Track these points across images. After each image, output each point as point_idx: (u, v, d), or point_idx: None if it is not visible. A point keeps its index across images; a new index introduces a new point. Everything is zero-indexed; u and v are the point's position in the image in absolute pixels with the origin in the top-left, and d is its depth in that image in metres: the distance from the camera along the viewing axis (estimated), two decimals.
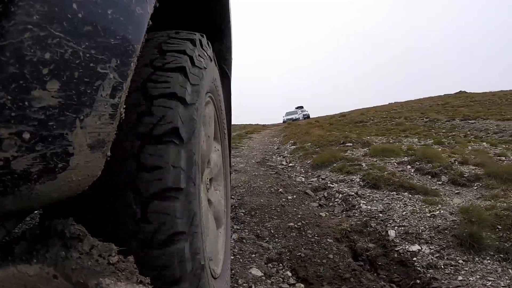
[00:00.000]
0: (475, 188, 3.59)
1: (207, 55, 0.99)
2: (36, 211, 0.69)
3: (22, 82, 0.38)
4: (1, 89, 0.37)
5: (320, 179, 4.30)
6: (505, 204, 2.83)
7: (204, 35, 1.03)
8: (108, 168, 0.59)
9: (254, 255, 2.23)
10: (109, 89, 0.49)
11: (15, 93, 0.38)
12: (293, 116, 28.97)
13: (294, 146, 7.50)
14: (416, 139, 7.42)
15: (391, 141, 7.11)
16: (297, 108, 32.90)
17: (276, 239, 2.53)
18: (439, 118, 10.83)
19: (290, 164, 5.53)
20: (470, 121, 9.61)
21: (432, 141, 7.03)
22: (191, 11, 1.24)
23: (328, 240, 2.48)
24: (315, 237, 2.54)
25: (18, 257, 0.53)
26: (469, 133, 8.18)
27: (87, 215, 0.68)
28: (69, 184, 0.48)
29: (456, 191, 3.53)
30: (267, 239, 2.54)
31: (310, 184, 4.16)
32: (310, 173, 4.63)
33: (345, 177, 4.19)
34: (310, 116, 27.71)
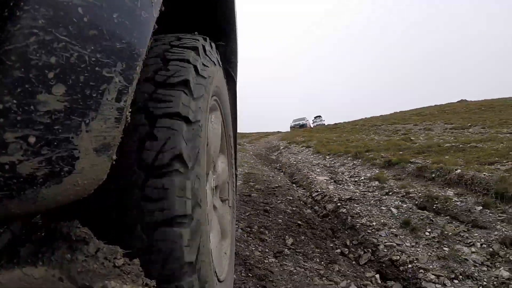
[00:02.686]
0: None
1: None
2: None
3: (27, 86, 0.38)
4: (7, 93, 0.37)
5: (279, 142, 12.73)
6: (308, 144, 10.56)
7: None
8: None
9: (254, 156, 8.78)
10: (114, 93, 0.49)
11: (21, 97, 0.38)
12: (300, 122, 30.78)
13: (281, 137, 16.46)
14: (345, 135, 13.26)
15: (326, 135, 13.38)
16: (315, 117, 34.95)
17: (259, 150, 11.11)
18: (380, 125, 15.15)
19: (275, 141, 13.96)
20: (394, 125, 13.92)
21: (345, 134, 13.31)
22: (196, 13, 1.23)
23: (272, 148, 11.84)
24: (270, 150, 11.45)
25: (24, 260, 0.53)
26: (383, 131, 12.83)
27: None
28: (74, 188, 0.48)
29: (310, 141, 10.95)
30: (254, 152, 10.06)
31: (276, 142, 13.16)
32: (278, 142, 12.71)
33: (284, 142, 12.25)
34: (325, 124, 29.43)
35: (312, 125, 31.13)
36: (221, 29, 1.34)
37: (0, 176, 0.39)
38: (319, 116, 34.77)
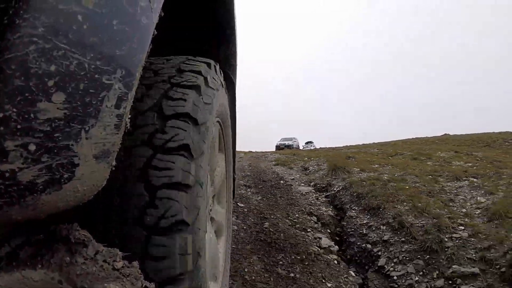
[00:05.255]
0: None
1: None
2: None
3: (27, 94, 0.38)
4: (7, 101, 0.37)
5: (268, 153, 13.89)
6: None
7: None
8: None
9: (253, 157, 11.33)
10: (114, 100, 0.49)
11: (21, 106, 0.38)
12: (286, 143, 31.55)
13: (271, 152, 17.73)
14: (312, 153, 14.92)
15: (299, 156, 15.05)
16: (306, 142, 35.40)
17: (257, 155, 12.61)
18: (342, 149, 17.19)
19: (268, 154, 15.16)
20: (349, 149, 15.75)
21: (312, 153, 14.93)
22: (196, 17, 1.23)
23: (263, 155, 12.79)
24: (263, 155, 12.42)
25: (23, 262, 0.53)
26: (334, 152, 16.07)
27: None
28: (74, 194, 0.49)
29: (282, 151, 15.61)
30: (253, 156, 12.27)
31: (270, 155, 12.89)
32: (267, 153, 14.00)
33: (270, 153, 13.83)
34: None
35: (301, 148, 31.75)
36: (220, 31, 1.34)
37: (0, 183, 0.39)
38: (311, 142, 35.32)
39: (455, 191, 4.18)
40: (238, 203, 4.14)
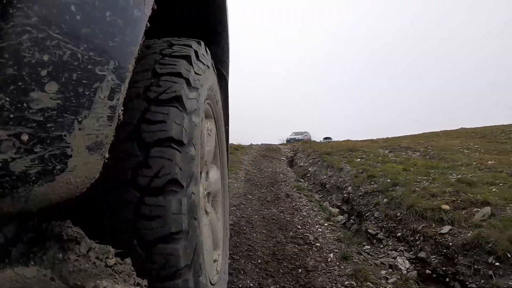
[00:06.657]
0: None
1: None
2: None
3: (20, 83, 0.38)
4: (0, 90, 0.37)
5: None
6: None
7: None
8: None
9: (261, 147, 16.43)
10: (107, 91, 0.49)
11: (14, 95, 0.38)
12: (296, 137, 32.81)
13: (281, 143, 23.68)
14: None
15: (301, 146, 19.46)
16: (324, 138, 35.75)
17: (265, 146, 17.06)
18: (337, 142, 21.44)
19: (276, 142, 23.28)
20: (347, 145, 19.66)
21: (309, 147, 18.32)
22: (189, 14, 1.23)
23: (270, 145, 17.80)
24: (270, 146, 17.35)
25: (16, 259, 0.52)
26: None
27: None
28: (67, 186, 0.48)
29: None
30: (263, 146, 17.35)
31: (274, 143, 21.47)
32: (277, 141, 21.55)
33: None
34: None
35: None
36: (213, 29, 1.34)
37: None
38: (329, 138, 35.43)
39: (361, 150, 9.78)
40: (257, 152, 12.36)
